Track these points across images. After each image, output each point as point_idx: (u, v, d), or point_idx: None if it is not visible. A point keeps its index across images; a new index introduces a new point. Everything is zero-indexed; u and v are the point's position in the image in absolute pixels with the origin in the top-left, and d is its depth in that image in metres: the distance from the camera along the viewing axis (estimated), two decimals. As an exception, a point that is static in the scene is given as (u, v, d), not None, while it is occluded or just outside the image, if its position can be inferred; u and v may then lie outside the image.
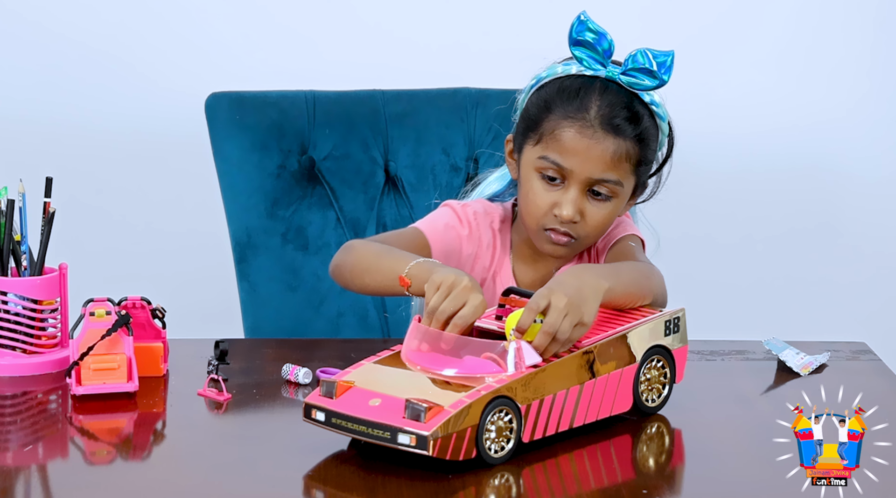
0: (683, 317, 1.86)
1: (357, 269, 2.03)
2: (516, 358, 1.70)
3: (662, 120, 2.07)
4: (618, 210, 2.06)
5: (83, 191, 2.87)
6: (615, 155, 2.01)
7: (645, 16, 2.88)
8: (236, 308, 2.50)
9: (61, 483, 1.66)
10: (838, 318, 2.98)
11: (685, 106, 2.90)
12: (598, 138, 2.00)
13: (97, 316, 1.91)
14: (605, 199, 2.03)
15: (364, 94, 2.53)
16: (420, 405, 1.62)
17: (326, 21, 2.86)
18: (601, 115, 2.01)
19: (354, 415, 1.66)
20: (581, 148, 2.00)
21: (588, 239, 2.06)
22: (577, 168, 2.01)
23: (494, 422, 1.65)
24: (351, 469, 1.67)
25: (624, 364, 1.78)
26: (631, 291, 1.88)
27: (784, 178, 2.95)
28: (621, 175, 2.02)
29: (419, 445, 1.61)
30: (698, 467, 1.72)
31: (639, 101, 2.03)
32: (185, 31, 2.86)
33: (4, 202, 1.97)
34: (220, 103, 2.48)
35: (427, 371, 1.72)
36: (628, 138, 2.01)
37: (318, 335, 2.39)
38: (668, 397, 1.84)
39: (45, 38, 2.86)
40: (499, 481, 1.64)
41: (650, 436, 1.79)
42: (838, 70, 2.92)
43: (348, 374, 1.73)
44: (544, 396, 1.70)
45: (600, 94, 2.02)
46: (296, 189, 2.48)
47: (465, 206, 2.15)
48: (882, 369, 2.05)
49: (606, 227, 2.07)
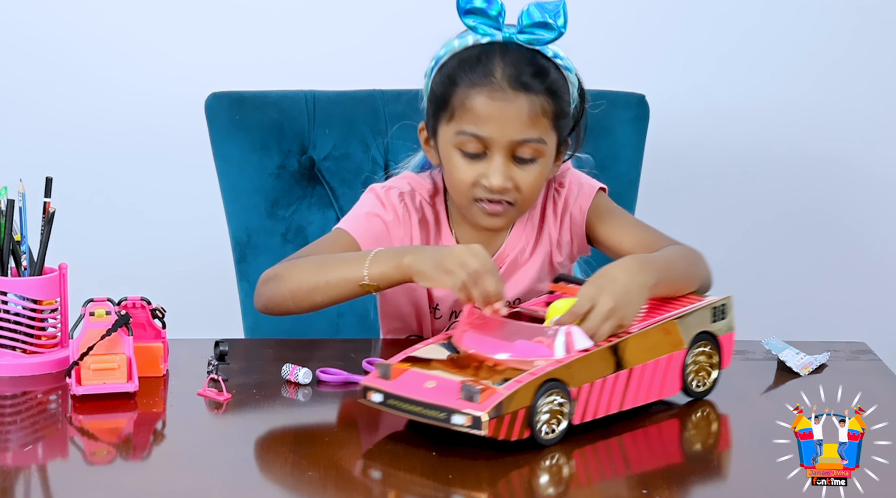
0: (730, 304, 1.90)
1: (300, 292, 1.98)
2: (567, 342, 1.73)
3: (569, 71, 2.05)
4: (547, 170, 2.04)
5: (83, 191, 2.87)
6: (531, 112, 1.99)
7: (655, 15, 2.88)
8: (236, 308, 2.50)
9: (61, 483, 1.66)
10: (838, 318, 2.98)
11: (685, 106, 2.90)
12: (509, 99, 1.98)
13: (97, 316, 1.91)
14: (531, 161, 2.01)
15: (364, 94, 2.53)
16: (474, 387, 1.65)
17: (326, 21, 2.86)
18: (507, 75, 1.99)
19: (410, 396, 1.70)
20: (495, 112, 1.98)
21: (525, 203, 2.05)
22: (495, 134, 1.99)
23: (547, 404, 1.69)
24: (356, 468, 1.68)
25: (672, 350, 1.82)
26: (678, 283, 1.91)
27: (784, 177, 2.95)
28: (542, 132, 2.00)
29: (474, 425, 1.64)
30: (698, 467, 1.72)
31: (542, 56, 2.02)
32: (185, 31, 2.86)
33: (4, 202, 1.97)
34: (220, 103, 2.48)
35: (480, 355, 1.75)
36: (540, 93, 1.99)
37: (318, 335, 2.39)
38: (716, 382, 1.87)
39: (45, 38, 2.86)
40: (551, 462, 1.67)
41: (695, 421, 1.83)
42: (836, 68, 2.91)
43: (402, 357, 1.77)
44: (594, 379, 1.73)
45: (501, 55, 2.00)
46: (296, 189, 2.48)
47: (388, 190, 2.11)
48: (882, 369, 2.04)
49: (539, 188, 2.05)
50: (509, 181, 2.00)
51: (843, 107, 2.92)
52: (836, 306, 2.99)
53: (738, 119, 2.92)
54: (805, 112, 2.92)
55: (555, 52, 2.03)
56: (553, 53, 2.03)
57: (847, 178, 2.95)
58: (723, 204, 2.95)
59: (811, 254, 2.97)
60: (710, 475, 1.70)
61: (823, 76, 2.91)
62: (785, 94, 2.91)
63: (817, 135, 2.93)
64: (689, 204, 2.93)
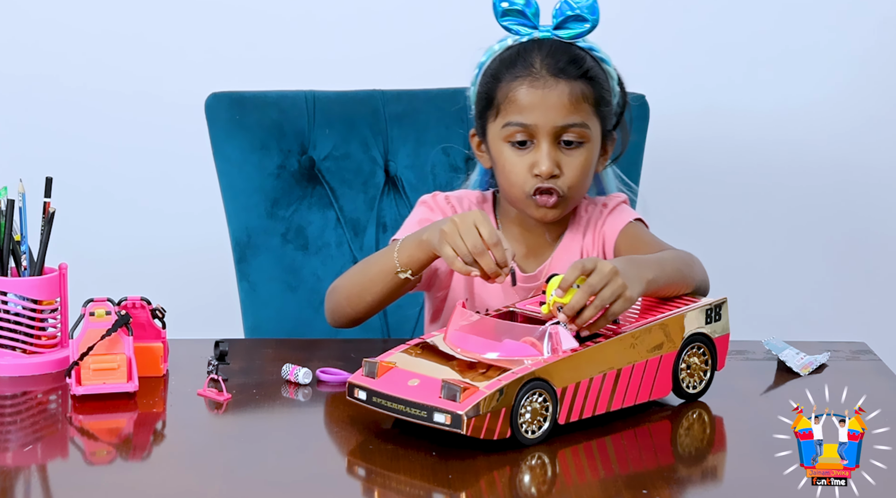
0: (725, 306, 1.90)
1: (352, 297, 2.07)
2: (553, 342, 1.73)
3: (606, 63, 2.14)
4: (592, 157, 2.11)
5: (83, 191, 2.87)
6: (571, 96, 2.07)
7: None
8: (236, 308, 2.50)
9: (61, 483, 1.66)
10: (838, 318, 2.98)
11: (685, 107, 2.90)
12: (550, 86, 2.07)
13: (97, 316, 1.91)
14: (578, 145, 2.08)
15: (364, 94, 2.53)
16: (455, 386, 1.67)
17: (326, 21, 2.86)
18: (546, 65, 2.08)
19: (394, 394, 1.71)
20: (537, 100, 2.07)
21: (573, 192, 2.10)
22: (540, 120, 2.07)
23: (530, 404, 1.69)
24: (353, 468, 1.68)
25: (664, 350, 1.82)
26: (674, 281, 1.92)
27: (784, 177, 2.94)
28: (584, 117, 2.08)
29: (454, 423, 1.66)
30: (699, 467, 1.72)
31: (578, 48, 2.11)
32: (185, 31, 2.86)
33: (4, 202, 1.97)
34: (220, 103, 2.48)
35: (468, 354, 1.76)
36: (578, 79, 2.08)
37: (318, 335, 2.39)
38: (709, 384, 1.87)
39: (45, 39, 2.86)
40: (534, 462, 1.67)
41: (689, 423, 1.83)
42: (836, 69, 2.91)
43: (391, 355, 1.78)
44: (581, 379, 1.74)
45: (539, 49, 2.09)
46: (296, 189, 2.48)
47: (435, 195, 2.20)
48: (882, 369, 2.05)
49: (587, 176, 2.11)
50: (557, 167, 2.07)
51: (843, 107, 2.92)
52: (836, 306, 2.99)
53: (739, 119, 2.92)
54: (805, 112, 2.92)
55: (590, 44, 2.13)
56: (589, 46, 2.12)
57: (847, 179, 2.94)
58: (723, 204, 2.95)
59: (811, 254, 2.97)
60: (710, 475, 1.70)
61: (823, 76, 2.91)
62: (785, 94, 2.91)
63: (817, 135, 2.93)
64: (690, 204, 2.93)
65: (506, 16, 2.12)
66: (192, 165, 2.79)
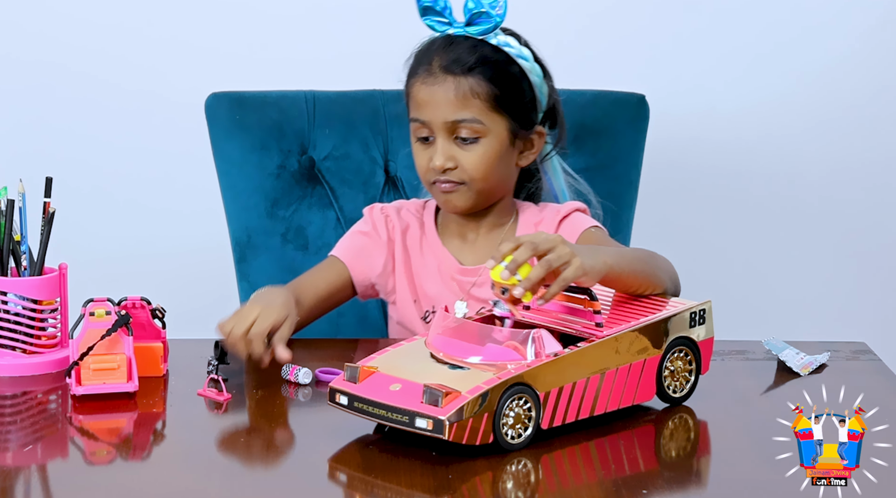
0: (710, 309, 1.88)
1: None
2: (536, 346, 1.72)
3: (525, 59, 2.15)
4: (493, 150, 2.13)
5: (83, 191, 2.87)
6: (458, 93, 2.11)
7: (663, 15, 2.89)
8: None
9: (61, 483, 1.66)
10: (838, 318, 2.98)
11: (685, 107, 2.90)
12: (439, 82, 2.12)
13: (97, 316, 1.91)
14: (473, 141, 2.12)
15: (364, 94, 2.53)
16: (437, 390, 1.65)
17: (326, 21, 2.86)
18: (442, 63, 2.12)
19: (375, 399, 1.70)
20: (428, 96, 2.13)
21: (474, 182, 2.14)
22: (431, 116, 2.13)
23: (512, 408, 1.68)
24: (354, 468, 1.68)
25: (647, 354, 1.80)
26: (635, 271, 1.88)
27: (784, 177, 2.94)
28: (475, 112, 2.11)
29: (436, 429, 1.64)
30: (699, 467, 1.72)
31: (486, 45, 2.13)
32: (185, 31, 2.86)
33: (4, 202, 1.97)
34: (220, 103, 2.48)
35: (450, 358, 1.75)
36: (471, 76, 2.11)
37: (318, 335, 2.39)
38: (693, 388, 1.86)
39: (45, 38, 2.86)
40: (517, 467, 1.66)
41: (673, 428, 1.81)
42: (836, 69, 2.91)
43: (373, 360, 1.76)
44: (564, 383, 1.72)
45: (444, 46, 2.14)
46: (296, 189, 2.48)
47: (372, 208, 2.27)
48: (882, 369, 2.05)
49: (487, 168, 2.13)
50: (450, 161, 2.12)
51: (843, 107, 2.92)
52: (836, 306, 2.99)
53: (738, 119, 2.92)
54: (805, 112, 2.92)
55: (505, 41, 2.14)
56: (503, 43, 2.13)
57: (846, 179, 2.94)
58: (723, 204, 2.95)
59: (812, 254, 2.97)
60: (710, 475, 1.70)
61: (823, 77, 2.91)
62: (785, 94, 2.91)
63: (817, 135, 2.93)
64: (689, 204, 2.93)
65: (426, 14, 2.16)
66: (192, 165, 2.79)
